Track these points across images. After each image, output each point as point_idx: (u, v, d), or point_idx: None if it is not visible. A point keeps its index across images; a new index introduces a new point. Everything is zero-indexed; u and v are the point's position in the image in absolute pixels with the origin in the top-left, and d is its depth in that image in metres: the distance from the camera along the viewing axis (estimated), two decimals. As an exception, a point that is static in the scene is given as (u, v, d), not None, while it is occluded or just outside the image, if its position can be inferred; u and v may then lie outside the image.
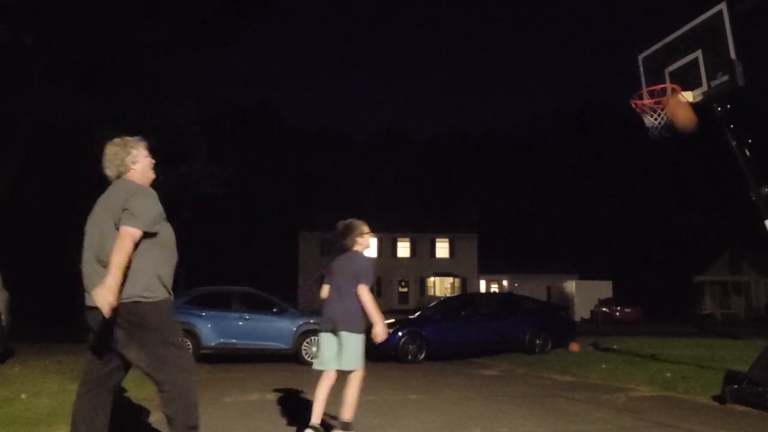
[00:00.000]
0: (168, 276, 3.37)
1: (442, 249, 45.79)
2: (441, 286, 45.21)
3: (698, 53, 6.90)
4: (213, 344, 11.62)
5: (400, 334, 12.12)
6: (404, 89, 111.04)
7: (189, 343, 11.40)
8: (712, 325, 26.71)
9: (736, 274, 38.21)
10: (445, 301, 16.73)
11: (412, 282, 45.16)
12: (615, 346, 12.67)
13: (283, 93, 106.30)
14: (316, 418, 4.52)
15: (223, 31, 24.56)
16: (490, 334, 12.64)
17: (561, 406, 6.42)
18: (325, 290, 4.88)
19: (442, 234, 45.35)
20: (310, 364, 11.19)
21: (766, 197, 6.37)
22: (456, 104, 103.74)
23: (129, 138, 3.61)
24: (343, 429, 4.54)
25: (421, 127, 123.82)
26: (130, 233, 3.14)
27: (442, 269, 44.80)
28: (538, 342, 12.49)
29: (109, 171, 3.56)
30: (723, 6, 6.49)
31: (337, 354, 4.61)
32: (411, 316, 13.96)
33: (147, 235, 3.22)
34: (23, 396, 6.49)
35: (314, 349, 11.70)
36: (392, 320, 13.55)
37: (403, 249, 45.77)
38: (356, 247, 4.96)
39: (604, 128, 56.17)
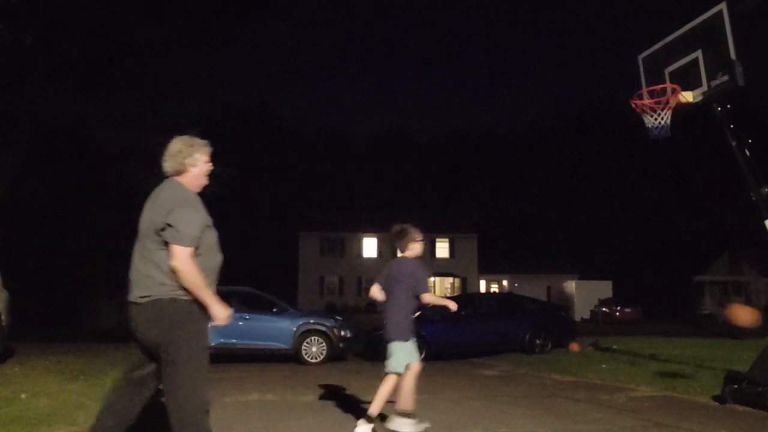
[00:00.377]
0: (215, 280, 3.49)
1: (442, 249, 45.77)
2: (441, 286, 45.19)
3: (698, 53, 6.90)
4: (213, 344, 11.55)
5: (400, 334, 12.11)
6: (404, 89, 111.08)
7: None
8: (712, 325, 26.71)
9: (736, 274, 38.19)
10: (445, 301, 16.72)
11: (412, 282, 45.10)
12: (615, 346, 12.67)
13: (283, 93, 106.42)
14: (374, 409, 4.99)
15: (223, 31, 24.55)
16: (490, 334, 12.64)
17: (561, 406, 6.42)
18: (374, 290, 5.16)
19: (442, 234, 45.32)
20: (310, 364, 11.30)
21: (766, 197, 6.38)
22: (456, 104, 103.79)
23: (196, 139, 3.69)
24: (367, 421, 4.94)
25: (421, 127, 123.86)
26: (185, 253, 3.27)
27: (442, 269, 44.78)
28: (538, 342, 12.49)
29: (168, 165, 3.63)
30: (723, 6, 6.50)
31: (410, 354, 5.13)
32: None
33: None
34: (23, 396, 6.49)
35: (314, 349, 11.70)
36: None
37: (403, 249, 45.70)
38: (408, 253, 5.14)
39: (604, 128, 56.15)
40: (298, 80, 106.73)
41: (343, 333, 11.96)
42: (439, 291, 44.46)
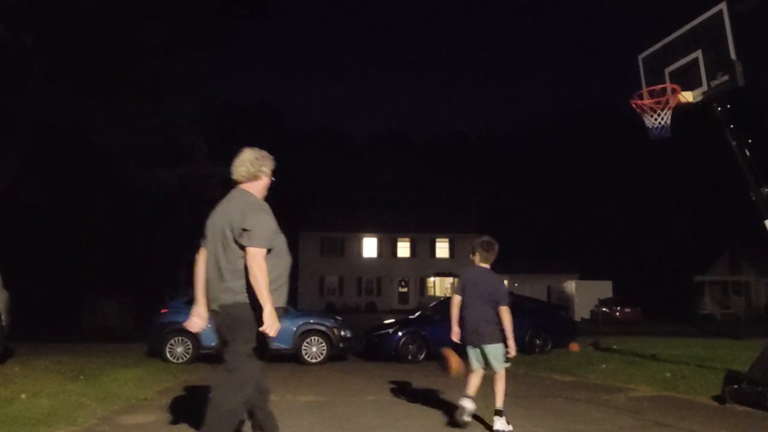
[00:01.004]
0: (273, 282, 3.63)
1: (442, 249, 45.78)
2: (441, 286, 45.20)
3: (698, 53, 6.91)
4: (213, 344, 11.59)
5: (400, 334, 12.12)
6: (404, 89, 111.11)
7: (189, 342, 11.43)
8: (712, 325, 26.70)
9: (736, 274, 38.19)
10: (445, 301, 16.70)
11: (412, 282, 45.15)
12: (615, 346, 12.66)
13: (283, 93, 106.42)
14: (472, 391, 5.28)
15: (223, 31, 24.55)
16: (490, 334, 12.62)
17: (561, 406, 6.42)
18: (457, 299, 5.43)
19: (442, 234, 45.34)
20: (310, 364, 11.29)
21: (766, 197, 6.38)
22: (456, 104, 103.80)
23: (265, 152, 4.05)
24: (497, 415, 5.16)
25: (421, 127, 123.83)
26: (260, 254, 3.53)
27: (442, 269, 44.78)
28: (538, 342, 12.48)
29: (242, 171, 3.93)
30: (723, 6, 6.50)
31: (483, 359, 5.33)
32: (411, 316, 13.95)
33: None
34: (23, 396, 6.49)
35: (314, 349, 11.70)
36: (392, 320, 13.56)
37: (403, 249, 45.76)
38: (487, 264, 5.54)
39: (604, 128, 56.17)
40: (298, 80, 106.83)
41: (343, 333, 11.95)
42: (439, 291, 44.48)
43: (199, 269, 3.91)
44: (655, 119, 7.14)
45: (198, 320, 3.90)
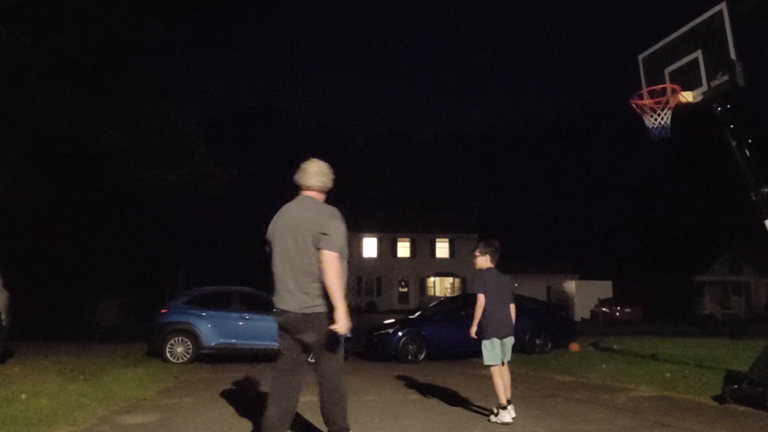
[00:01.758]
0: (344, 286, 4.03)
1: (442, 249, 45.79)
2: (441, 286, 45.20)
3: (698, 53, 6.91)
4: (213, 344, 11.61)
5: (400, 334, 12.12)
6: (404, 89, 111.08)
7: (189, 342, 11.43)
8: (712, 325, 26.71)
9: (736, 274, 38.19)
10: (445, 301, 16.71)
11: (412, 282, 45.15)
12: (615, 346, 12.66)
13: (284, 93, 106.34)
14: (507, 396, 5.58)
15: (223, 31, 24.54)
16: (490, 334, 12.62)
17: (561, 406, 6.42)
18: (482, 299, 5.70)
19: (442, 234, 45.34)
20: (310, 364, 11.26)
21: (766, 197, 6.37)
22: (456, 104, 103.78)
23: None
24: (510, 404, 5.61)
25: (421, 127, 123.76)
26: (335, 257, 3.91)
27: (442, 269, 44.77)
28: (538, 342, 12.49)
29: (314, 181, 4.26)
30: (723, 6, 6.50)
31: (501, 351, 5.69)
32: (411, 316, 13.95)
33: None
34: (23, 396, 6.49)
35: (314, 349, 11.70)
36: (392, 320, 13.55)
37: (403, 249, 45.76)
38: (494, 265, 5.90)
39: (604, 128, 56.16)
40: (299, 80, 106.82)
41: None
42: (440, 291, 44.48)
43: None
44: (655, 119, 7.14)
45: None
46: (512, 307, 5.83)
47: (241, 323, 11.80)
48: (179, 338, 11.43)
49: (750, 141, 6.61)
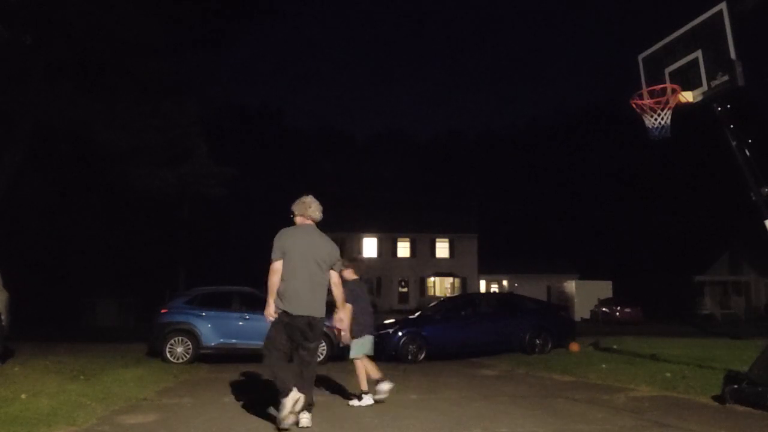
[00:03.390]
0: None
1: (442, 249, 45.78)
2: (441, 286, 45.20)
3: (698, 53, 6.90)
4: (213, 344, 11.61)
5: (400, 334, 12.11)
6: (404, 89, 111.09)
7: (189, 342, 11.42)
8: (712, 325, 26.70)
9: (736, 274, 38.17)
10: (445, 301, 16.71)
11: (412, 282, 45.14)
12: (615, 346, 12.65)
13: (284, 93, 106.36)
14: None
15: (223, 31, 24.56)
16: (490, 334, 12.62)
17: (561, 406, 6.42)
18: (350, 307, 6.47)
19: (442, 234, 45.33)
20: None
21: (766, 197, 6.37)
22: (456, 104, 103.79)
23: None
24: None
25: (421, 127, 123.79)
26: (338, 276, 5.61)
27: (442, 269, 44.77)
28: (538, 342, 12.48)
29: (318, 214, 5.54)
30: (723, 6, 6.50)
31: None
32: (411, 316, 13.95)
33: None
34: (23, 396, 6.49)
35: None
36: (392, 320, 13.54)
37: (403, 249, 45.75)
38: (356, 277, 6.80)
39: (604, 128, 56.12)
40: (299, 80, 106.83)
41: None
42: (440, 291, 44.48)
43: (277, 280, 5.20)
44: (655, 119, 7.14)
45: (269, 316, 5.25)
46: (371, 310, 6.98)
47: (241, 323, 11.80)
48: (179, 338, 11.43)
49: (750, 141, 6.61)
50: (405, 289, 45.19)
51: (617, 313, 31.00)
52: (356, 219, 45.14)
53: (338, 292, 5.56)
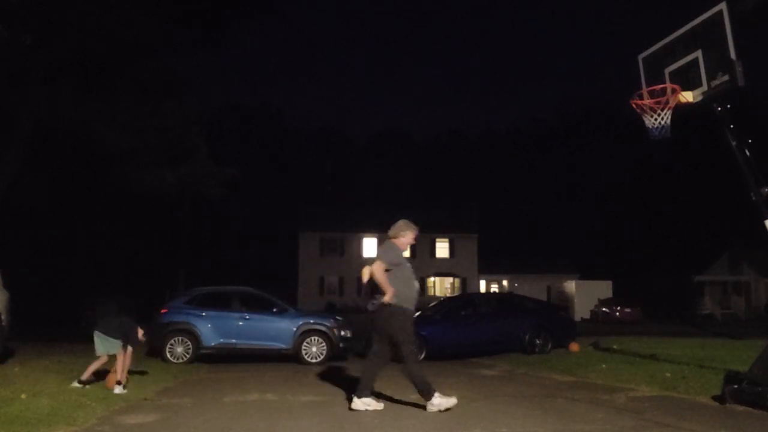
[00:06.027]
0: None
1: (442, 249, 45.75)
2: (441, 286, 45.18)
3: (698, 53, 6.90)
4: (213, 344, 11.61)
5: (400, 334, 12.10)
6: (404, 89, 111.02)
7: (189, 342, 11.42)
8: (712, 325, 26.70)
9: (736, 274, 38.17)
10: (445, 301, 16.70)
11: (412, 282, 45.08)
12: (615, 346, 12.65)
13: (284, 92, 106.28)
14: None
15: (223, 31, 24.55)
16: (490, 334, 12.63)
17: (561, 406, 6.42)
18: None
19: (442, 234, 45.29)
20: (310, 364, 11.31)
21: (766, 197, 6.37)
22: (456, 104, 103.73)
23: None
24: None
25: (421, 127, 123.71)
26: None
27: (442, 269, 44.75)
28: (538, 342, 12.48)
29: (390, 232, 6.90)
30: (723, 6, 6.50)
31: None
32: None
33: None
34: (23, 396, 6.49)
35: (314, 349, 11.69)
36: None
37: (403, 249, 45.68)
38: None
39: (604, 128, 56.09)
40: (299, 80, 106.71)
41: (343, 333, 11.95)
42: (440, 291, 44.46)
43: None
44: (655, 119, 7.13)
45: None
46: None
47: (241, 323, 11.79)
48: (179, 338, 11.43)
49: (750, 141, 6.60)
50: (405, 289, 45.12)
51: (617, 313, 31.00)
52: (356, 219, 45.10)
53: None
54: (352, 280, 44.52)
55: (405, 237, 6.74)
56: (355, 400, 6.01)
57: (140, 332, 7.90)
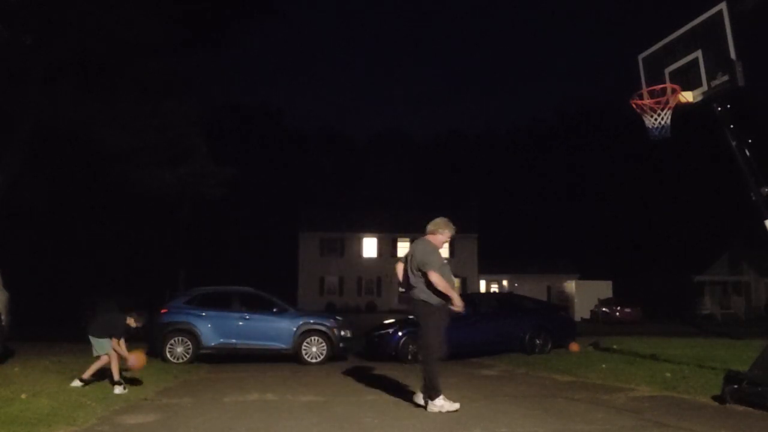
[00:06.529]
0: None
1: (442, 249, 45.72)
2: (441, 286, 45.14)
3: (698, 53, 6.90)
4: (213, 344, 11.61)
5: (400, 334, 12.10)
6: (404, 89, 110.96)
7: (189, 342, 11.43)
8: (712, 325, 26.70)
9: (736, 274, 38.17)
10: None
11: (412, 282, 45.08)
12: (615, 346, 12.65)
13: (284, 92, 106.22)
14: None
15: (223, 31, 24.55)
16: (490, 334, 12.62)
17: (561, 406, 6.42)
18: None
19: (442, 234, 45.26)
20: (310, 364, 11.31)
21: (766, 197, 6.37)
22: (456, 104, 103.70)
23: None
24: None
25: (421, 127, 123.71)
26: None
27: (442, 269, 44.69)
28: (538, 342, 12.48)
29: (428, 227, 6.96)
30: (723, 6, 6.50)
31: None
32: (411, 316, 13.91)
33: None
34: (23, 396, 6.49)
35: (314, 349, 11.69)
36: (392, 320, 13.54)
37: (403, 249, 45.69)
38: None
39: (604, 128, 56.08)
40: (299, 80, 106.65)
41: (343, 333, 11.95)
42: (439, 291, 44.38)
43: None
44: (655, 119, 7.13)
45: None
46: None
47: (241, 323, 11.79)
48: (179, 338, 11.43)
49: (750, 141, 6.60)
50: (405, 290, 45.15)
51: (617, 313, 31.00)
52: (356, 219, 45.10)
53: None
54: (352, 280, 44.54)
55: (443, 235, 6.81)
56: (430, 402, 5.92)
57: (130, 320, 7.92)
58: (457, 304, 6.06)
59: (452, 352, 12.04)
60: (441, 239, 6.77)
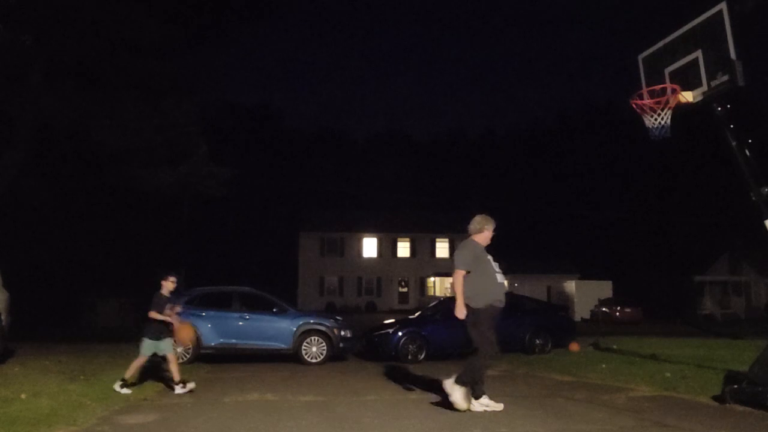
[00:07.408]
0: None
1: (442, 249, 45.74)
2: (441, 286, 45.16)
3: (698, 53, 6.89)
4: (213, 344, 11.61)
5: (400, 334, 12.11)
6: (404, 89, 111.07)
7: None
8: (712, 325, 26.70)
9: (736, 274, 38.16)
10: (445, 301, 16.65)
11: (412, 282, 45.12)
12: (615, 346, 12.66)
13: (284, 93, 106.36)
14: None
15: (223, 31, 24.53)
16: (490, 334, 12.61)
17: (561, 406, 6.42)
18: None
19: (442, 234, 45.28)
20: (310, 364, 11.31)
21: (766, 197, 6.37)
22: (456, 104, 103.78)
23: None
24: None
25: (421, 127, 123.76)
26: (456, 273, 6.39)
27: (442, 269, 44.69)
28: (538, 342, 12.48)
29: (470, 227, 6.77)
30: (723, 6, 6.49)
31: None
32: (411, 316, 13.94)
33: None
34: (23, 396, 6.50)
35: (314, 349, 11.69)
36: (392, 320, 13.54)
37: (403, 249, 45.73)
38: None
39: (604, 128, 56.12)
40: (299, 80, 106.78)
41: (343, 333, 11.95)
42: (440, 291, 44.45)
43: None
44: (655, 119, 7.13)
45: None
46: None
47: (241, 323, 11.79)
48: (179, 338, 11.41)
49: (750, 141, 6.60)
50: (405, 289, 45.17)
51: (617, 313, 31.00)
52: (356, 219, 45.11)
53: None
54: (352, 280, 44.53)
55: (488, 231, 6.76)
56: (473, 401, 5.85)
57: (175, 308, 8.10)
58: (459, 311, 5.93)
59: (453, 352, 12.15)
60: (486, 236, 6.73)
